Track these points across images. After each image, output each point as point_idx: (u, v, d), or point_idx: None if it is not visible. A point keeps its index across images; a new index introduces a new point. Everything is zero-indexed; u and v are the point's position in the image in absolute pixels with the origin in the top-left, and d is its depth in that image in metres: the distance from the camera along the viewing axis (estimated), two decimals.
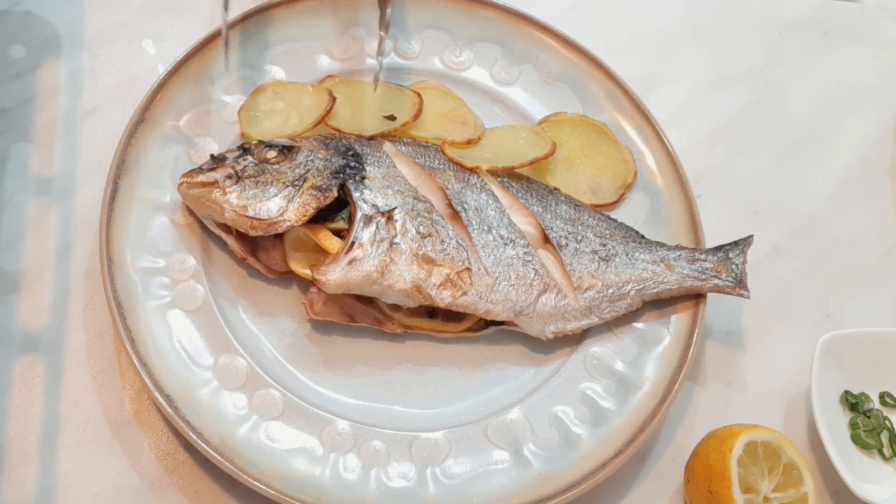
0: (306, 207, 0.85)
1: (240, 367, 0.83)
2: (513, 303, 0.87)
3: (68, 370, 0.83)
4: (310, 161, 0.88)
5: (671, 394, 0.86)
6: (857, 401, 0.91)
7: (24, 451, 0.79)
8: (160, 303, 0.83)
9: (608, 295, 0.89)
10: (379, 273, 0.84)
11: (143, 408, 0.83)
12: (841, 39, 1.17)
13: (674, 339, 0.89)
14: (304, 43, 0.99)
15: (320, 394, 0.84)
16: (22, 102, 0.94)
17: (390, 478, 0.80)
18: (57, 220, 0.89)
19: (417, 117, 0.94)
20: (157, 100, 0.91)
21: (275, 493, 0.77)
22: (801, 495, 0.81)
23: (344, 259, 0.84)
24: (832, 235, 1.04)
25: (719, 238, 0.94)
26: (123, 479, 0.80)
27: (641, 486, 0.87)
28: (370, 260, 0.84)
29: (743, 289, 0.90)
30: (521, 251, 0.88)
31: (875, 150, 1.10)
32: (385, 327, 0.87)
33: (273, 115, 0.93)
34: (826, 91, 1.13)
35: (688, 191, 0.96)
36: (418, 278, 0.85)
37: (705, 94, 1.11)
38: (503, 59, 1.02)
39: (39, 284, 0.86)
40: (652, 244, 0.92)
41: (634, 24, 1.14)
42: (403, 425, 0.83)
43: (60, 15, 1.00)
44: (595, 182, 0.97)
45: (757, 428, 0.83)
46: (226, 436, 0.79)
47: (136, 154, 0.88)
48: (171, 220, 0.87)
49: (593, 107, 1.00)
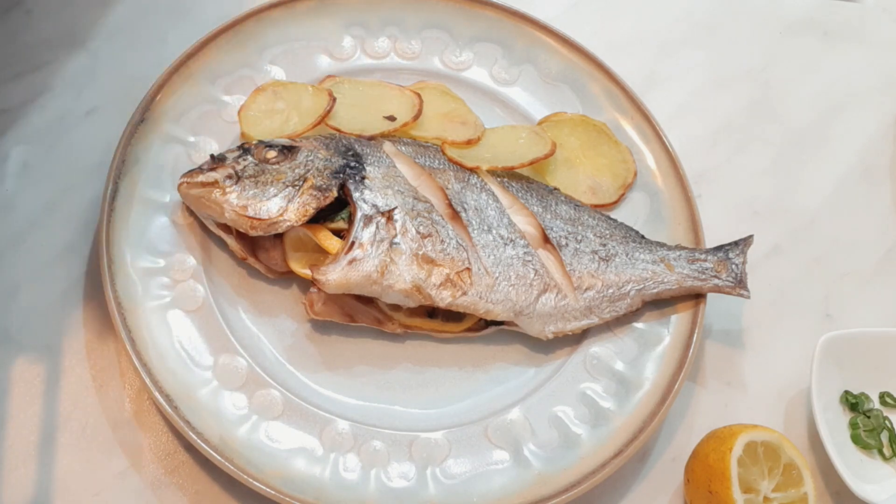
0: (306, 207, 0.85)
1: (240, 367, 0.83)
2: (513, 303, 0.87)
3: (68, 370, 0.83)
4: (310, 161, 0.88)
5: (671, 394, 0.86)
6: (857, 401, 0.91)
7: (23, 451, 0.79)
8: (160, 303, 0.83)
9: (608, 295, 0.89)
10: (379, 273, 0.84)
11: (143, 408, 0.83)
12: (841, 39, 1.17)
13: (674, 339, 0.89)
14: (304, 43, 0.99)
15: (320, 394, 0.84)
16: (22, 102, 0.94)
17: (390, 478, 0.80)
18: (57, 220, 0.89)
19: (417, 117, 0.94)
20: (157, 100, 0.91)
21: (275, 493, 0.77)
22: (801, 495, 0.81)
23: (344, 259, 0.84)
24: (832, 235, 1.04)
25: (719, 238, 0.94)
26: (123, 479, 0.80)
27: (641, 486, 0.87)
28: (370, 260, 0.84)
29: (743, 289, 0.90)
30: (521, 251, 0.88)
31: (875, 150, 1.10)
32: (385, 327, 0.87)
33: (273, 115, 0.93)
34: (826, 91, 1.13)
35: (688, 191, 0.96)
36: (418, 278, 0.85)
37: (705, 94, 1.11)
38: (503, 59, 1.02)
39: (39, 284, 0.86)
40: (652, 244, 0.92)
41: (634, 24, 1.14)
42: (403, 425, 0.83)
43: (60, 15, 1.00)
44: (595, 182, 0.97)
45: (757, 428, 0.83)
46: (226, 436, 0.79)
47: (136, 154, 0.88)
48: (171, 220, 0.88)
49: (593, 107, 1.00)
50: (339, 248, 0.85)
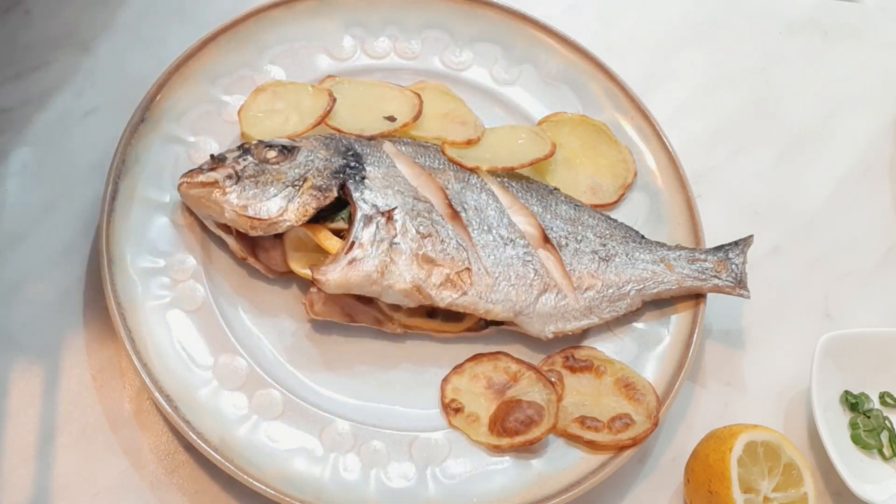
0: (306, 207, 0.85)
1: (240, 367, 0.83)
2: (513, 303, 0.87)
3: (68, 370, 0.83)
4: (310, 161, 0.88)
5: (671, 394, 0.86)
6: (857, 401, 0.91)
7: (23, 451, 0.79)
8: (160, 303, 0.83)
9: (608, 295, 0.89)
10: (379, 273, 0.84)
11: (143, 408, 0.83)
12: (841, 39, 1.17)
13: (674, 339, 0.89)
14: (304, 43, 0.99)
15: (320, 394, 0.84)
16: (22, 102, 0.94)
17: (390, 478, 0.80)
18: (57, 220, 0.89)
19: (417, 118, 0.94)
20: (157, 100, 0.91)
21: (275, 493, 0.77)
22: (801, 495, 0.81)
23: (344, 259, 0.84)
24: (832, 235, 1.04)
25: (719, 238, 0.94)
26: (123, 479, 0.80)
27: (641, 486, 0.87)
28: (370, 260, 0.84)
29: (743, 289, 0.90)
30: (521, 251, 0.89)
31: (875, 150, 1.10)
32: (385, 327, 0.87)
33: (273, 115, 0.93)
34: (826, 91, 1.13)
35: (688, 191, 0.96)
36: (418, 278, 0.85)
37: (705, 94, 1.11)
38: (503, 59, 1.02)
39: (40, 284, 0.86)
40: (652, 244, 0.92)
41: (634, 24, 1.14)
42: (403, 425, 0.83)
43: (60, 15, 1.00)
44: (595, 182, 0.97)
45: (757, 428, 0.83)
46: (226, 436, 0.79)
47: (136, 154, 0.88)
48: (171, 220, 0.88)
49: (593, 107, 1.00)
50: (339, 248, 0.85)
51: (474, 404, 0.84)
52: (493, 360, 0.87)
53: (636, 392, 0.85)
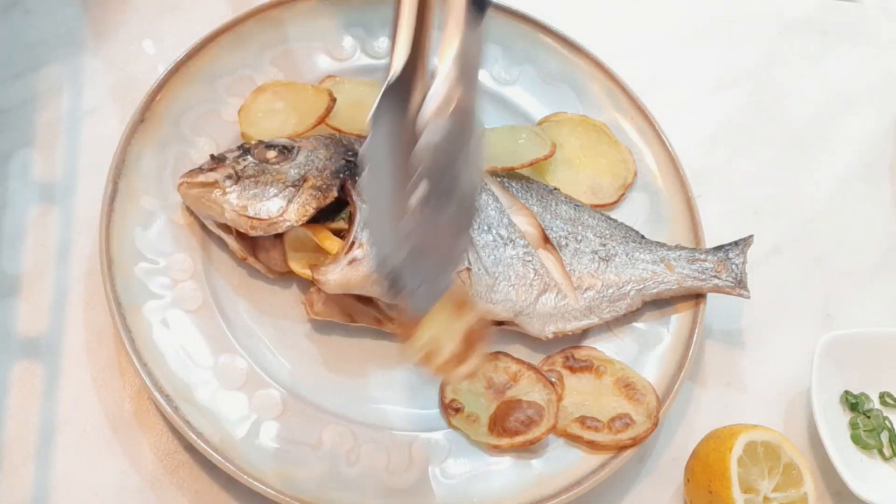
0: (306, 207, 0.85)
1: (240, 367, 0.83)
2: (513, 303, 0.87)
3: (68, 370, 0.83)
4: (310, 161, 0.88)
5: (671, 394, 0.86)
6: (857, 401, 0.91)
7: (23, 451, 0.79)
8: (160, 303, 0.83)
9: (608, 295, 0.89)
10: None
11: (143, 408, 0.83)
12: (841, 39, 1.17)
13: (674, 339, 0.89)
14: (304, 43, 0.99)
15: (320, 394, 0.84)
16: (22, 102, 0.94)
17: (390, 478, 0.80)
18: (57, 220, 0.89)
19: None
20: (157, 100, 0.91)
21: (275, 493, 0.77)
22: (801, 495, 0.81)
23: (344, 259, 0.84)
24: (832, 235, 1.04)
25: (719, 238, 0.94)
26: (123, 479, 0.80)
27: (641, 486, 0.87)
28: (370, 260, 0.84)
29: (743, 289, 0.90)
30: (521, 251, 0.88)
31: (875, 150, 1.10)
32: (385, 327, 0.87)
33: (273, 115, 0.93)
34: (826, 91, 1.13)
35: (688, 191, 0.96)
36: None
37: (705, 94, 1.11)
38: (503, 59, 1.02)
39: (40, 284, 0.86)
40: (652, 244, 0.92)
41: (634, 25, 1.14)
42: (403, 425, 0.83)
43: (60, 14, 1.00)
44: (595, 182, 0.97)
45: (757, 428, 0.83)
46: (226, 436, 0.79)
47: (136, 154, 0.88)
48: (171, 220, 0.87)
49: (593, 107, 1.00)
50: (339, 248, 0.85)
51: (474, 404, 0.84)
52: (493, 360, 0.86)
53: (636, 392, 0.85)
